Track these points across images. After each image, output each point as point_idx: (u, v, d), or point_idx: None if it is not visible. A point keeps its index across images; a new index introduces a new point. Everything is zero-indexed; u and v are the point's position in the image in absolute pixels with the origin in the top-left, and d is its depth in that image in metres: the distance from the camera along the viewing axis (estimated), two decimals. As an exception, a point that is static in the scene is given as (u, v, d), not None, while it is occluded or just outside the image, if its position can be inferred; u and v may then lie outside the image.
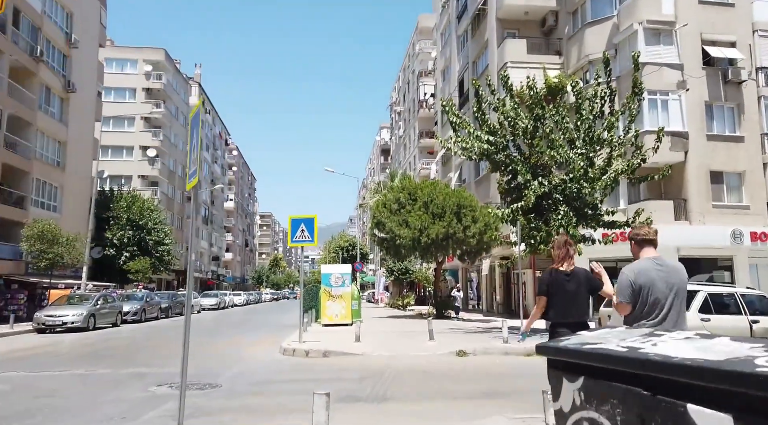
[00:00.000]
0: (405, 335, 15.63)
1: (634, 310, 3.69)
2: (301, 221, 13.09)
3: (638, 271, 3.69)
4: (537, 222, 15.45)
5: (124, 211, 39.09)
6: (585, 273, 4.56)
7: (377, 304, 48.30)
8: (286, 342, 13.06)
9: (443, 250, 23.14)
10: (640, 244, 3.91)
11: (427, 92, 49.44)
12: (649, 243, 3.91)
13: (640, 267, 3.72)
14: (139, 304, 25.82)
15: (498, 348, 12.08)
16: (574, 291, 4.42)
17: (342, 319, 18.79)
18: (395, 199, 24.25)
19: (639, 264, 3.74)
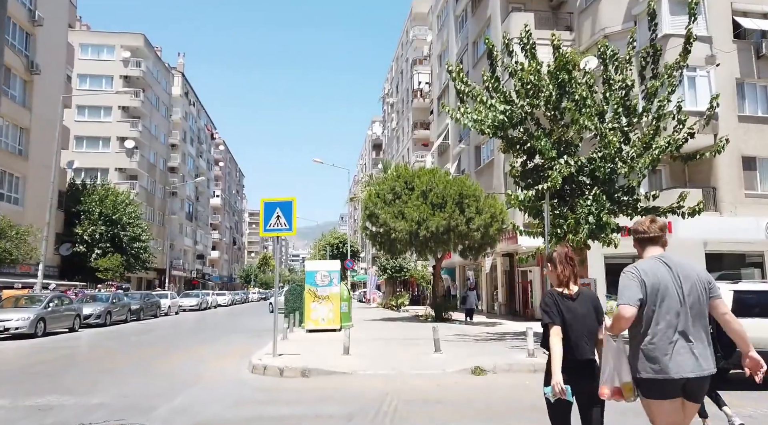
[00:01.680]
0: (404, 344, 13.12)
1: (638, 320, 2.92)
2: (276, 205, 10.54)
3: (644, 270, 2.98)
4: (562, 208, 13.02)
5: (97, 204, 36.25)
6: (592, 294, 3.51)
7: (369, 304, 45.81)
8: (258, 357, 10.49)
9: (443, 245, 20.67)
10: (642, 244, 3.21)
11: (422, 81, 46.94)
12: (651, 242, 3.19)
13: (646, 266, 3.02)
14: (103, 306, 23.09)
15: (523, 364, 9.61)
16: (583, 320, 3.34)
17: (329, 324, 16.24)
18: (390, 188, 21.73)
19: (643, 263, 3.04)
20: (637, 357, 2.93)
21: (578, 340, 3.26)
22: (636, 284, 2.91)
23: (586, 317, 3.32)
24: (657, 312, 2.88)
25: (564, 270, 3.40)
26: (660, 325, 2.85)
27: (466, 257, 22.20)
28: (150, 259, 40.01)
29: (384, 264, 36.58)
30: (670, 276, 2.94)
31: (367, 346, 12.30)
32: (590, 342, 3.31)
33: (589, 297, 3.42)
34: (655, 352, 2.83)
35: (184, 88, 65.75)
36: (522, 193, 12.60)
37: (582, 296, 3.38)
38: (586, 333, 3.29)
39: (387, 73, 65.56)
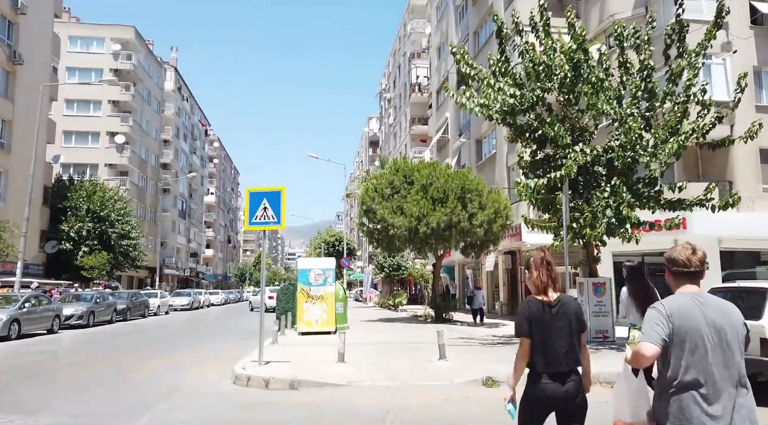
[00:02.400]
0: (405, 349, 12.04)
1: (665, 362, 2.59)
2: (262, 195, 9.43)
3: (675, 308, 2.60)
4: (576, 201, 11.96)
5: (84, 200, 35.00)
6: (574, 303, 3.16)
7: (365, 304, 44.76)
8: (242, 365, 9.39)
9: (444, 242, 19.59)
10: (678, 278, 2.73)
11: (420, 75, 45.85)
12: (690, 277, 2.71)
13: (678, 303, 2.62)
14: (85, 306, 21.92)
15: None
16: (564, 329, 3.07)
17: (323, 326, 15.14)
18: (388, 182, 20.63)
19: (674, 301, 2.66)
20: (661, 402, 2.64)
21: (556, 352, 3.03)
22: (664, 323, 2.60)
23: (566, 328, 3.07)
24: (684, 360, 2.58)
25: (541, 276, 3.13)
26: (688, 376, 2.57)
27: (468, 255, 21.14)
28: (140, 257, 38.81)
29: (381, 263, 35.49)
30: (704, 321, 2.60)
31: (364, 352, 11.21)
32: (570, 353, 3.06)
33: (570, 305, 3.13)
34: (679, 403, 2.56)
35: (177, 82, 64.45)
36: (533, 181, 11.51)
37: (562, 304, 3.10)
38: (565, 345, 3.05)
39: (384, 68, 64.47)
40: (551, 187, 11.95)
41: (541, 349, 3.05)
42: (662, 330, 2.59)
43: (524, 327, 3.09)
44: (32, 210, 29.74)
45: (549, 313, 3.08)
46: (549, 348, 3.04)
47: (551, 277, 3.14)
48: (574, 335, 3.10)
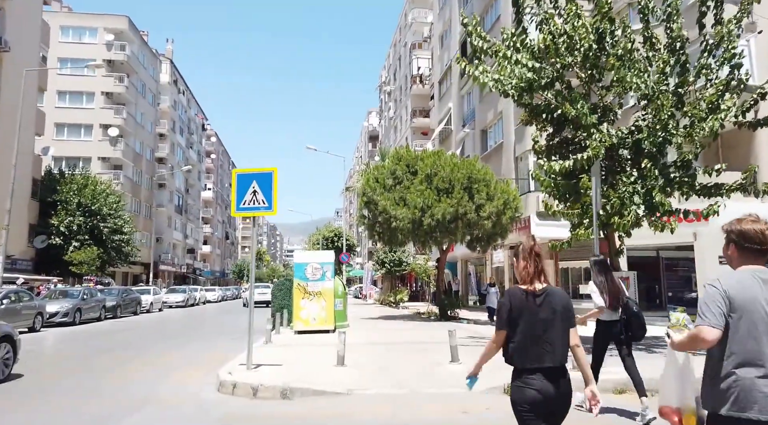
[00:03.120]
0: (411, 350, 10.94)
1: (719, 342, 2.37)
2: (252, 177, 8.33)
3: (734, 283, 2.41)
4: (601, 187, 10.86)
5: (75, 194, 33.86)
6: (562, 295, 2.96)
7: (365, 301, 43.72)
8: (229, 368, 8.29)
9: (450, 235, 18.48)
10: (746, 254, 2.49)
11: (421, 66, 44.67)
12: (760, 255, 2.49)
13: (737, 279, 2.44)
14: (71, 303, 20.83)
15: (568, 379, 7.41)
16: (549, 321, 2.85)
17: (321, 324, 14.05)
18: (390, 172, 19.52)
19: (735, 276, 2.47)
20: (715, 387, 2.38)
21: (539, 346, 2.79)
22: (722, 302, 2.35)
23: (551, 319, 2.83)
24: (741, 339, 2.34)
25: (528, 266, 2.95)
26: (746, 356, 2.33)
27: (474, 249, 20.04)
28: (133, 253, 37.69)
29: (382, 258, 34.40)
30: (763, 298, 2.37)
31: (366, 353, 10.12)
32: (555, 347, 2.81)
33: (558, 297, 2.91)
34: (738, 387, 2.31)
35: (173, 75, 63.20)
36: (557, 164, 10.40)
37: (548, 294, 2.89)
38: (549, 338, 2.80)
39: (384, 60, 63.27)
40: (570, 173, 10.85)
41: (524, 343, 2.81)
42: (721, 310, 2.38)
43: (502, 318, 2.90)
44: (20, 203, 28.63)
45: (533, 303, 2.85)
46: (532, 341, 2.80)
47: (538, 268, 2.93)
48: (561, 329, 2.84)
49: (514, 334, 2.84)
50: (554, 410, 2.80)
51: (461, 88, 30.43)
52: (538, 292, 2.87)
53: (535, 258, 2.95)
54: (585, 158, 9.95)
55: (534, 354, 2.80)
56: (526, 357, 2.80)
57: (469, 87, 29.14)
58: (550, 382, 2.75)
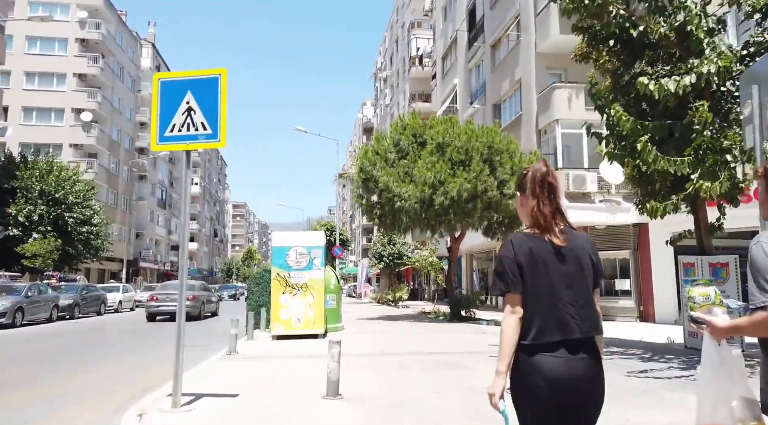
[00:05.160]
0: (435, 364, 7.63)
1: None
2: (185, 86, 5.01)
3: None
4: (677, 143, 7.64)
5: (37, 180, 30.29)
6: (586, 240, 2.09)
7: (360, 299, 40.44)
8: (140, 408, 4.96)
9: (466, 218, 15.20)
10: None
11: (420, 46, 41.43)
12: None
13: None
14: (11, 301, 17.35)
15: None
16: (574, 276, 1.99)
17: (307, 327, 10.73)
18: (393, 143, 16.24)
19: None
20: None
21: (561, 311, 1.92)
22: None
23: (577, 275, 1.98)
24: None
25: (541, 203, 2.02)
26: None
27: (493, 236, 16.76)
28: (104, 246, 34.11)
29: (380, 251, 31.09)
30: None
31: (370, 372, 6.82)
32: (585, 311, 1.94)
33: (582, 241, 2.04)
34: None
35: (155, 60, 59.52)
36: (672, 81, 7.08)
37: (574, 244, 2.00)
38: (575, 300, 1.95)
39: (380, 45, 59.97)
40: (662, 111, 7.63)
41: (538, 309, 1.92)
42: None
43: (511, 277, 1.95)
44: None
45: (551, 252, 1.95)
46: (550, 306, 1.92)
47: (555, 206, 2.03)
48: (588, 285, 1.99)
49: (528, 298, 1.93)
50: (582, 403, 1.88)
51: (468, 60, 27.20)
52: (560, 238, 1.96)
53: (550, 191, 2.03)
54: (707, 72, 6.67)
55: (555, 323, 1.90)
56: (545, 328, 1.90)
57: (479, 58, 25.91)
58: (577, 362, 1.87)
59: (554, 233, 1.98)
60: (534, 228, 2.02)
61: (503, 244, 2.09)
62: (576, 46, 9.99)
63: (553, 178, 2.08)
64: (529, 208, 2.03)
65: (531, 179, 2.05)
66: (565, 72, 19.55)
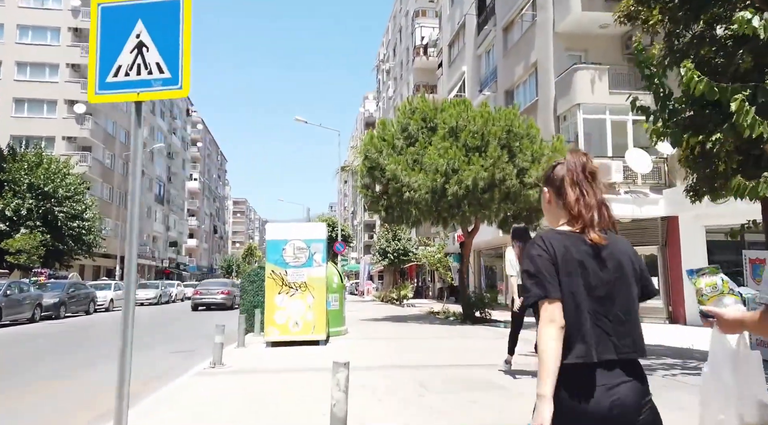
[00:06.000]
0: (458, 380, 6.25)
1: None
2: (135, 14, 3.62)
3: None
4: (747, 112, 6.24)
5: (26, 173, 29.00)
6: (626, 243, 1.76)
7: (362, 298, 39.15)
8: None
9: (483, 209, 13.81)
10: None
11: (425, 35, 40.00)
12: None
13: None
14: (-14, 300, 16.07)
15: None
16: (617, 284, 1.67)
17: (306, 332, 9.37)
18: (401, 128, 14.86)
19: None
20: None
21: (604, 326, 1.60)
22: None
23: (618, 283, 1.66)
24: None
25: (585, 196, 1.72)
26: None
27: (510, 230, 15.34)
28: (96, 242, 32.80)
29: (384, 247, 29.73)
30: None
31: (383, 399, 5.44)
32: (629, 327, 1.63)
33: (622, 244, 1.73)
34: None
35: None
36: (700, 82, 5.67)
37: (614, 248, 1.70)
38: (620, 311, 1.63)
39: (382, 36, 58.51)
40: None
41: (576, 323, 1.59)
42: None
43: (548, 279, 1.61)
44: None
45: (589, 254, 1.64)
46: (594, 317, 1.60)
47: (602, 203, 1.72)
48: (631, 296, 1.67)
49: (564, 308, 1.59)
50: None
51: (478, 46, 25.78)
52: (604, 243, 1.66)
53: (592, 183, 1.73)
54: None
55: (590, 340, 1.57)
56: (591, 343, 1.56)
57: (489, 43, 24.50)
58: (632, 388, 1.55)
59: (595, 230, 1.66)
60: (576, 224, 1.69)
61: (529, 243, 1.73)
62: (619, 5, 8.61)
63: (595, 166, 1.77)
64: (572, 200, 1.71)
65: (570, 170, 1.75)
66: (586, 53, 18.16)
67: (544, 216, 1.86)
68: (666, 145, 15.15)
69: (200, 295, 25.52)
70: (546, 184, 1.82)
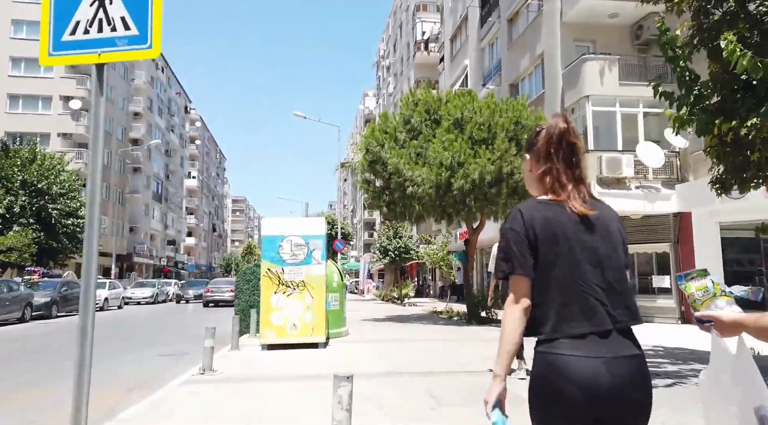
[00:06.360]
0: (475, 390, 5.65)
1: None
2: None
3: None
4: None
5: (19, 170, 28.38)
6: (610, 211, 1.72)
7: (362, 296, 38.59)
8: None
9: (489, 205, 13.20)
10: None
11: (426, 30, 39.38)
12: None
13: None
14: (-29, 300, 15.49)
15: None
16: (602, 253, 1.61)
17: (305, 334, 8.77)
18: (403, 120, 14.26)
19: None
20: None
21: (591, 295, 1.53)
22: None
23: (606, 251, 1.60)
24: None
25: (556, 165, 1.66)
26: None
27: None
28: (92, 241, 32.11)
29: (385, 245, 29.13)
30: None
31: (392, 415, 4.84)
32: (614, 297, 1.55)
33: (608, 211, 1.69)
34: None
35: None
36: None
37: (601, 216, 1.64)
38: (602, 282, 1.55)
39: (383, 32, 57.85)
40: None
41: (557, 293, 1.53)
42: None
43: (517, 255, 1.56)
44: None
45: (575, 222, 1.58)
46: (576, 290, 1.53)
47: (581, 176, 1.67)
48: (621, 263, 1.62)
49: (543, 281, 1.54)
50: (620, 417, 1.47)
51: (481, 39, 25.16)
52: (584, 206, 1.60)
53: (572, 154, 1.67)
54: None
55: (582, 310, 1.51)
56: (568, 316, 1.50)
57: (493, 35, 23.88)
58: (613, 360, 1.45)
59: (576, 200, 1.60)
60: (550, 193, 1.63)
61: (508, 215, 1.65)
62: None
63: (575, 137, 1.68)
64: (545, 169, 1.65)
65: (547, 136, 1.66)
66: (594, 44, 17.55)
67: (526, 185, 1.79)
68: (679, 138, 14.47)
69: (211, 293, 27.06)
70: (528, 151, 1.75)
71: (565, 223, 1.57)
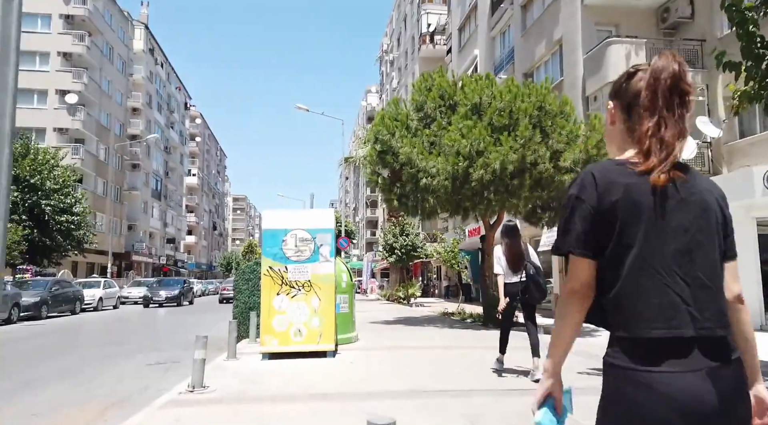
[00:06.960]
0: (525, 418, 4.62)
1: None
2: None
3: None
4: None
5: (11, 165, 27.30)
6: (714, 185, 1.33)
7: (366, 296, 37.61)
8: None
9: (511, 197, 12.11)
10: None
11: (431, 22, 38.29)
12: None
13: None
14: (-47, 300, 14.43)
15: None
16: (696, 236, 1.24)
17: (311, 341, 7.70)
18: (416, 106, 13.19)
19: None
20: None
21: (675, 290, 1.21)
22: None
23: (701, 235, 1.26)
24: None
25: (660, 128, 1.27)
26: None
27: (538, 222, 13.70)
28: (87, 238, 31.14)
29: (391, 243, 28.03)
30: None
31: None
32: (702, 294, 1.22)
33: (709, 185, 1.33)
34: None
35: (149, 43, 56.33)
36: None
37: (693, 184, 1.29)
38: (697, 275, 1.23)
39: (386, 25, 56.73)
40: None
41: (631, 282, 1.22)
42: None
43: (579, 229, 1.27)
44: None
45: (662, 195, 1.24)
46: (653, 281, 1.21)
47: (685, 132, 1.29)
48: (716, 251, 1.28)
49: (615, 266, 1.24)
50: None
51: (492, 27, 24.07)
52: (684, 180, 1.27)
53: (681, 105, 1.28)
54: None
55: (663, 308, 1.19)
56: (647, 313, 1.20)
57: (505, 23, 22.79)
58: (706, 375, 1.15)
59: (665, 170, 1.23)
60: (639, 154, 1.27)
61: (575, 179, 1.32)
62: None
63: (688, 85, 1.28)
64: (642, 130, 1.28)
65: (651, 81, 1.28)
66: (617, 27, 16.47)
67: (605, 141, 1.47)
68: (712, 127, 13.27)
69: (226, 291, 29.24)
70: (614, 97, 1.40)
71: (651, 195, 1.24)
